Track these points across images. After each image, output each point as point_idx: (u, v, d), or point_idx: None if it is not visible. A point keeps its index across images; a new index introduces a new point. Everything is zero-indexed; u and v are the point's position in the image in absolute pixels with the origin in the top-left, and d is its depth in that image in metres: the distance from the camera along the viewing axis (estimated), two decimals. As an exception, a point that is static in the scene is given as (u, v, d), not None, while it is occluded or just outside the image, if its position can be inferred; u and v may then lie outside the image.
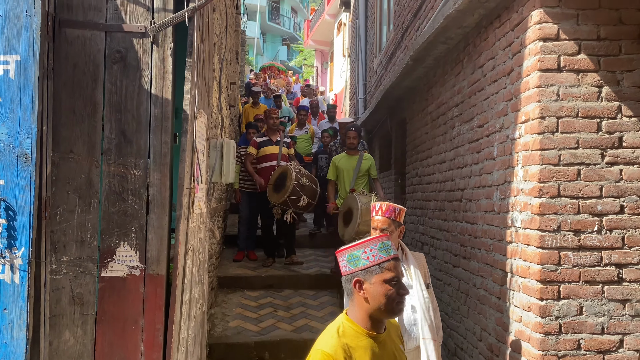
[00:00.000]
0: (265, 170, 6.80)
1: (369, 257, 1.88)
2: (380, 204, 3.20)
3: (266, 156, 6.87)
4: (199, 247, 3.47)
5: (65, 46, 2.63)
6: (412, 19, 6.19)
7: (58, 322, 2.58)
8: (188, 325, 3.08)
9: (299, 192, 6.23)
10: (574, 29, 3.10)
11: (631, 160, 3.07)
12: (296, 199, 6.27)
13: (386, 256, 1.88)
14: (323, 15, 22.33)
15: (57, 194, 2.59)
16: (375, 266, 1.86)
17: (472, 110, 4.19)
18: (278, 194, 6.33)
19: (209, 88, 3.67)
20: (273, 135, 6.97)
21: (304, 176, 6.35)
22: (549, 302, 3.05)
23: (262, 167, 6.84)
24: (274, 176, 6.52)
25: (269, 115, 7.06)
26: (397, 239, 3.17)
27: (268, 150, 6.86)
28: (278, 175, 6.45)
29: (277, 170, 6.56)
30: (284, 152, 6.93)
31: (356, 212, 5.37)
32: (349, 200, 5.63)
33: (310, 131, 9.33)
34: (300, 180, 6.24)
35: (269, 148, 6.87)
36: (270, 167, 6.77)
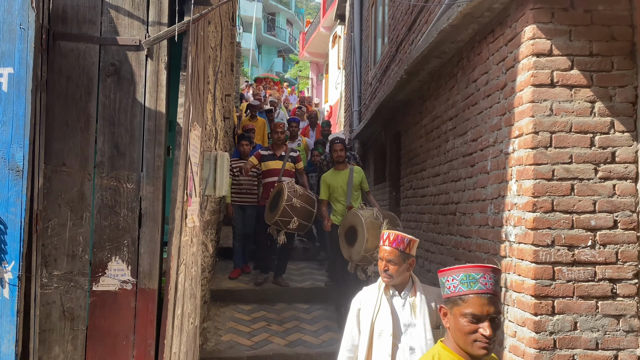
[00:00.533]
0: (267, 185, 6.66)
1: (451, 287, 1.80)
2: (388, 233, 2.93)
3: (269, 171, 6.70)
4: (192, 261, 3.44)
5: (59, 59, 2.62)
6: (406, 33, 6.23)
7: (48, 337, 2.55)
8: (180, 340, 3.05)
9: (290, 214, 6.00)
10: (566, 45, 3.13)
11: (624, 175, 3.08)
12: (286, 221, 6.05)
13: (466, 290, 1.76)
14: (318, 28, 22.47)
15: (49, 207, 2.57)
16: (456, 297, 1.77)
17: (466, 124, 4.21)
18: (272, 213, 6.15)
19: (203, 101, 3.67)
20: (277, 150, 6.78)
21: (298, 197, 6.10)
22: (543, 317, 3.04)
23: (266, 182, 6.70)
24: (271, 195, 6.34)
25: (274, 129, 6.91)
26: (406, 272, 2.88)
27: (271, 165, 6.69)
28: (274, 195, 6.28)
29: (274, 188, 6.36)
30: (287, 168, 6.70)
31: (361, 228, 5.11)
32: (351, 218, 5.34)
33: (303, 143, 9.20)
34: (292, 201, 6.00)
35: (272, 163, 6.69)
36: (273, 182, 6.60)
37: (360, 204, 5.74)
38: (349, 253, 5.26)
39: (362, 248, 5.02)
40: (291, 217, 6.00)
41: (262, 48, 38.53)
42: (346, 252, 5.33)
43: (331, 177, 5.99)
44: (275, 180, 6.59)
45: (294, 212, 6.02)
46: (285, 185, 6.13)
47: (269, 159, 6.72)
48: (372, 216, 5.21)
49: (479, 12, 3.61)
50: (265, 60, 38.45)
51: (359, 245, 5.07)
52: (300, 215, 6.07)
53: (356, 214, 5.25)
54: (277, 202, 6.08)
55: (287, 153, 6.78)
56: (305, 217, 6.12)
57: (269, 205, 6.27)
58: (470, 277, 1.79)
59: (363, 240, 5.02)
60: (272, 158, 6.72)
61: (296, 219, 6.03)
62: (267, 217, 6.24)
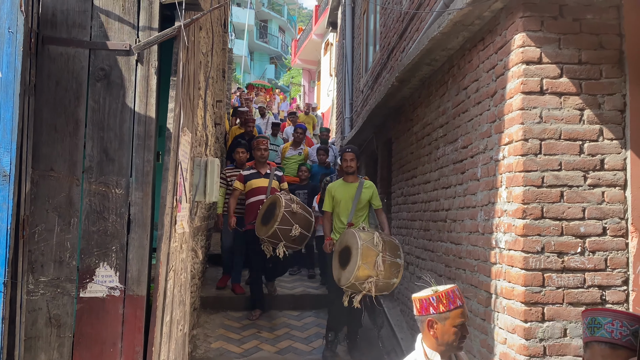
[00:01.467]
0: (253, 205, 6.10)
1: None
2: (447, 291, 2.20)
3: (254, 190, 6.15)
4: (181, 267, 3.42)
5: (48, 63, 2.60)
6: (397, 40, 6.26)
7: (34, 344, 2.51)
8: (169, 348, 3.02)
9: (290, 221, 5.44)
10: (556, 53, 3.15)
11: (613, 182, 3.10)
12: (287, 229, 5.43)
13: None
14: (310, 35, 22.55)
15: (36, 212, 2.54)
16: None
17: (457, 131, 4.22)
18: (266, 225, 5.56)
19: (193, 106, 3.66)
20: (262, 168, 6.30)
21: (295, 203, 5.66)
22: (533, 324, 3.04)
23: (251, 202, 6.13)
24: (262, 209, 5.80)
25: (257, 146, 6.32)
26: None
27: (256, 183, 6.17)
28: (267, 207, 5.73)
29: (265, 201, 5.85)
30: (274, 186, 6.21)
31: (356, 251, 4.58)
32: (347, 237, 4.83)
33: (304, 152, 8.81)
34: (291, 207, 5.51)
35: (257, 181, 6.18)
36: (259, 201, 6.05)
37: (361, 224, 5.09)
38: (339, 275, 4.81)
39: (351, 275, 4.54)
40: (291, 224, 5.46)
41: (255, 55, 38.58)
42: (336, 272, 4.88)
43: (338, 189, 5.30)
44: (262, 198, 6.04)
45: (294, 218, 5.49)
46: (279, 195, 5.68)
47: (253, 177, 6.20)
48: (371, 241, 4.65)
49: (469, 20, 3.64)
50: (257, 67, 38.49)
51: (349, 271, 4.60)
52: (301, 222, 5.54)
53: (354, 234, 4.72)
54: (272, 212, 5.56)
55: (273, 171, 6.32)
56: (305, 225, 5.59)
57: (261, 218, 5.71)
58: (596, 321, 1.69)
59: (355, 266, 4.52)
60: (257, 176, 6.21)
61: (297, 226, 5.49)
62: (260, 231, 5.65)
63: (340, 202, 5.24)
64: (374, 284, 4.53)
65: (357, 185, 5.27)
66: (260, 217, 5.75)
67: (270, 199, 5.81)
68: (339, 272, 4.80)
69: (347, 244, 4.77)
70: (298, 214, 5.53)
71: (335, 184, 5.40)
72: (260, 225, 5.69)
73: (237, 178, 6.20)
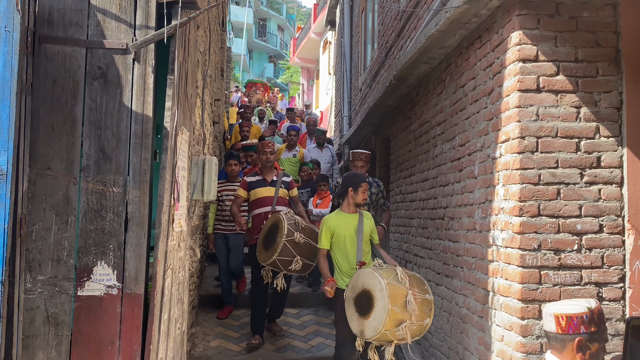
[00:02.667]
0: (257, 218, 5.43)
1: None
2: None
3: (259, 200, 5.45)
4: (179, 266, 3.42)
5: (45, 62, 2.60)
6: (395, 39, 6.26)
7: (31, 343, 2.51)
8: (167, 346, 3.02)
9: (291, 252, 4.72)
10: (552, 51, 3.16)
11: (609, 180, 3.11)
12: (287, 261, 4.76)
13: None
14: (309, 34, 22.53)
15: (33, 211, 2.54)
16: None
17: (454, 129, 4.23)
18: (267, 252, 4.90)
19: (191, 105, 3.66)
20: (268, 174, 5.55)
21: (300, 230, 4.82)
22: (530, 322, 3.05)
23: (256, 214, 5.46)
24: (265, 228, 5.10)
25: (262, 149, 5.58)
26: None
27: (261, 192, 5.46)
28: (269, 228, 5.02)
29: (268, 220, 5.14)
30: (281, 195, 5.51)
31: (380, 294, 3.67)
32: (363, 279, 3.87)
33: (299, 154, 8.45)
34: (293, 236, 4.72)
35: (262, 190, 5.47)
36: (264, 214, 5.38)
37: (375, 260, 4.20)
38: (360, 326, 3.82)
39: (381, 323, 3.63)
40: (293, 255, 4.74)
41: (253, 53, 38.56)
42: (356, 324, 3.87)
43: (338, 223, 4.35)
44: (268, 211, 5.39)
45: (296, 249, 4.75)
46: (283, 217, 4.89)
47: (258, 185, 5.49)
48: (395, 278, 3.79)
49: (466, 18, 3.64)
50: (256, 65, 38.46)
51: (377, 319, 3.68)
52: (304, 253, 4.80)
53: (372, 273, 3.82)
54: (273, 237, 4.86)
55: (280, 178, 5.58)
56: (310, 255, 4.82)
57: (263, 240, 5.02)
58: None
59: (383, 312, 3.63)
60: (262, 184, 5.50)
61: (299, 258, 4.75)
62: (260, 256, 4.99)
63: (345, 238, 4.31)
64: (408, 329, 3.67)
65: (357, 217, 4.39)
66: (262, 238, 5.06)
67: (272, 219, 5.05)
68: (359, 323, 3.83)
69: (366, 287, 3.84)
70: (301, 244, 4.77)
71: (332, 216, 4.44)
72: (261, 248, 5.01)
73: (241, 185, 5.57)
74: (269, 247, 4.86)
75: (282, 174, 5.68)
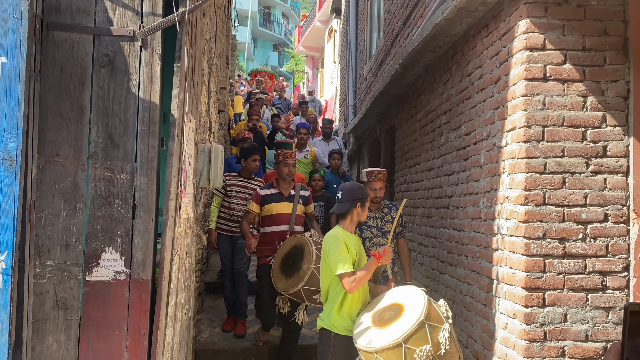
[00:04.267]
0: (271, 237, 4.73)
1: None
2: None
3: (273, 217, 4.77)
4: (186, 252, 3.45)
5: (53, 49, 2.61)
6: (401, 27, 6.23)
7: (41, 327, 2.55)
8: (174, 331, 3.06)
9: (319, 281, 3.80)
10: (559, 39, 3.14)
11: (615, 169, 3.11)
12: (313, 291, 4.15)
13: None
14: (314, 22, 22.42)
15: (42, 197, 2.56)
16: None
17: (460, 118, 4.23)
18: (288, 279, 4.27)
19: (197, 93, 3.67)
20: (285, 188, 4.87)
21: None
22: (534, 310, 3.07)
23: (268, 232, 4.78)
24: (282, 250, 4.48)
25: (284, 160, 4.84)
26: None
27: (277, 208, 4.78)
28: (289, 250, 4.42)
29: (287, 241, 4.53)
30: (298, 213, 4.85)
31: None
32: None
33: (311, 155, 7.68)
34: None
35: (278, 206, 4.78)
36: (279, 233, 4.71)
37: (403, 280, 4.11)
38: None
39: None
40: (320, 285, 3.78)
41: (258, 42, 38.44)
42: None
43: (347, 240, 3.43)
44: (284, 230, 4.73)
45: None
46: (309, 240, 4.27)
47: (273, 200, 4.79)
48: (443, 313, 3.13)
49: (473, 6, 3.62)
50: (260, 54, 38.35)
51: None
52: None
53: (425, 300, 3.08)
54: (296, 263, 4.28)
55: (297, 192, 4.89)
56: None
57: (281, 265, 4.41)
58: None
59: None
60: (278, 199, 4.80)
61: None
62: (279, 283, 4.33)
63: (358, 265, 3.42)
64: None
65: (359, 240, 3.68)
66: (279, 262, 4.44)
67: (293, 241, 4.47)
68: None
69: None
70: None
71: (340, 232, 3.47)
72: (279, 274, 4.38)
73: (253, 198, 4.82)
74: (291, 274, 4.25)
75: (299, 186, 4.97)
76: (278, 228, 4.74)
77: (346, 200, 3.49)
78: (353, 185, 3.61)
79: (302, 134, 7.71)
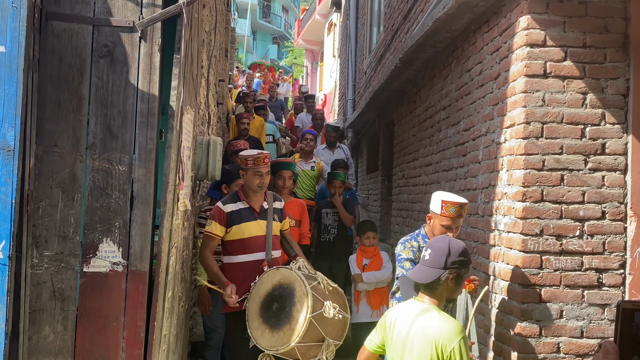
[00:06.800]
0: (240, 269, 3.50)
1: None
2: None
3: (245, 243, 3.53)
4: (183, 245, 3.45)
5: (52, 39, 2.60)
6: (402, 22, 6.22)
7: (38, 317, 2.55)
8: (170, 323, 3.07)
9: (319, 333, 3.06)
10: (560, 36, 3.14)
11: (613, 167, 3.11)
12: (312, 347, 3.09)
13: None
14: (314, 15, 22.34)
15: (40, 187, 2.56)
16: None
17: (459, 114, 4.22)
18: (275, 331, 3.12)
19: (196, 85, 3.66)
20: (256, 201, 3.61)
21: (330, 295, 3.19)
22: (530, 306, 3.08)
23: (235, 262, 3.54)
24: (262, 289, 3.29)
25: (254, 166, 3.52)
26: None
27: (248, 230, 3.54)
28: (271, 290, 3.25)
29: (267, 276, 3.32)
30: (275, 233, 3.64)
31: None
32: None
33: (318, 167, 6.56)
34: (322, 308, 3.06)
35: (249, 226, 3.54)
36: (253, 264, 3.49)
37: None
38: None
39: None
40: (320, 338, 3.07)
41: (257, 35, 38.29)
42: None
43: None
44: (260, 259, 3.51)
45: (324, 327, 3.09)
46: (300, 276, 3.17)
47: (242, 218, 3.54)
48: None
49: (474, 2, 3.61)
50: (260, 47, 38.22)
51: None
52: (335, 331, 3.17)
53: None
54: (284, 309, 3.14)
55: (271, 204, 3.65)
56: (340, 333, 3.22)
57: (260, 311, 3.22)
58: None
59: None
60: (249, 217, 3.56)
61: (330, 341, 3.10)
62: (260, 338, 3.17)
63: None
64: None
65: None
66: (258, 307, 3.25)
67: (278, 275, 3.28)
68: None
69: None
70: (333, 320, 3.10)
71: None
72: (259, 324, 3.21)
73: (215, 216, 3.52)
74: (278, 325, 3.13)
75: (272, 195, 3.73)
76: (251, 257, 3.51)
77: (436, 264, 2.36)
78: (453, 244, 2.40)
79: (309, 140, 6.54)
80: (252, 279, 3.40)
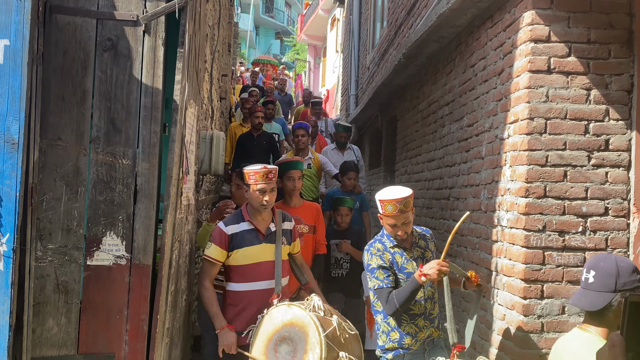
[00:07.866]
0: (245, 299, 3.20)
1: None
2: None
3: (249, 269, 3.22)
4: (187, 239, 3.46)
5: (56, 32, 2.60)
6: (405, 17, 6.20)
7: (42, 309, 2.57)
8: (173, 316, 3.08)
9: None
10: (564, 32, 3.13)
11: (617, 163, 3.11)
12: None
13: None
14: (317, 10, 22.29)
15: (44, 181, 2.57)
16: None
17: (462, 110, 4.22)
18: None
19: (199, 79, 3.66)
20: (261, 221, 3.29)
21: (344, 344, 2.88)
22: (532, 301, 3.08)
23: (239, 291, 3.22)
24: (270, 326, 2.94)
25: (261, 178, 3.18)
26: None
27: (254, 255, 3.22)
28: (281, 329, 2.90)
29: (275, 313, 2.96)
30: (284, 257, 3.32)
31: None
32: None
33: (314, 163, 6.06)
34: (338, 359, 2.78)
35: (254, 250, 3.22)
36: (260, 294, 3.18)
37: None
38: None
39: None
40: None
41: (260, 30, 38.22)
42: None
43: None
44: (268, 289, 3.19)
45: None
46: (313, 319, 2.82)
47: (246, 241, 3.22)
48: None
49: (478, -3, 3.60)
50: (262, 42, 38.16)
51: None
52: None
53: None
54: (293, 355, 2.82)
55: (279, 225, 3.33)
56: None
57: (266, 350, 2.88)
58: None
59: None
60: (254, 239, 3.24)
61: None
62: None
63: None
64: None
65: None
66: (264, 346, 2.91)
67: (289, 314, 2.91)
68: None
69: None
70: None
71: None
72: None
73: (215, 239, 3.22)
74: None
75: (280, 215, 3.37)
76: (257, 285, 3.18)
77: (605, 287, 2.00)
78: (620, 263, 2.02)
79: (300, 136, 5.93)
80: (258, 309, 3.08)
